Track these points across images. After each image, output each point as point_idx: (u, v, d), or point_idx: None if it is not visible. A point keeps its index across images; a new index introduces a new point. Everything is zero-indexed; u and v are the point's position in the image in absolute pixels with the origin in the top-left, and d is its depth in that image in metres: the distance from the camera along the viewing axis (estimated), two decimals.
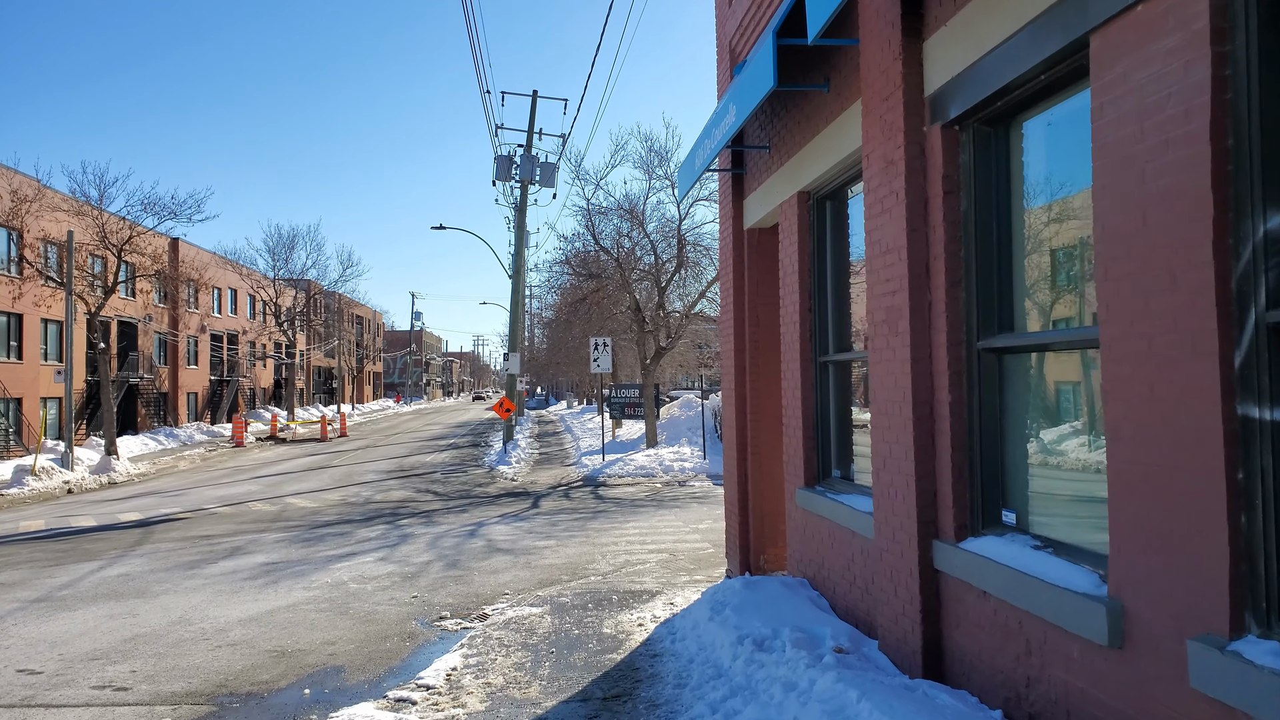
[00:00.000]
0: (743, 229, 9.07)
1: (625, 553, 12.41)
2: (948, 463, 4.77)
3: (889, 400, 5.28)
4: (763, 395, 8.84)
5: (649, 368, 28.23)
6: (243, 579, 11.25)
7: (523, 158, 32.98)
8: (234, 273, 55.55)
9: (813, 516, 7.03)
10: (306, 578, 11.24)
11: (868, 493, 6.19)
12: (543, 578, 10.87)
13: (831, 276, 7.15)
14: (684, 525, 14.82)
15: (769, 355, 8.83)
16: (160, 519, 17.43)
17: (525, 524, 15.39)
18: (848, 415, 7.05)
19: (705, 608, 6.79)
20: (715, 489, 20.09)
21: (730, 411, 9.26)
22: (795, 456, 7.44)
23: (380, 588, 10.59)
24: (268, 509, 18.53)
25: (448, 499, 19.37)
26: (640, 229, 27.84)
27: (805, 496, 7.13)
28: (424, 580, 10.96)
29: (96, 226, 31.32)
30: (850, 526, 6.18)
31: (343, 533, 14.91)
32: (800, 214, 7.27)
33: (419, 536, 14.28)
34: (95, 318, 31.33)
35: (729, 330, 9.24)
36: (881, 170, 5.28)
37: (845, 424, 7.06)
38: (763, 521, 8.85)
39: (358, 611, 9.39)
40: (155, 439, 40.35)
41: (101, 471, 28.15)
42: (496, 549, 12.98)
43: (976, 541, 4.61)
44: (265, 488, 22.81)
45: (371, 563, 12.18)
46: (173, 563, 12.46)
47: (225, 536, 14.81)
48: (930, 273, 4.93)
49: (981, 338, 4.69)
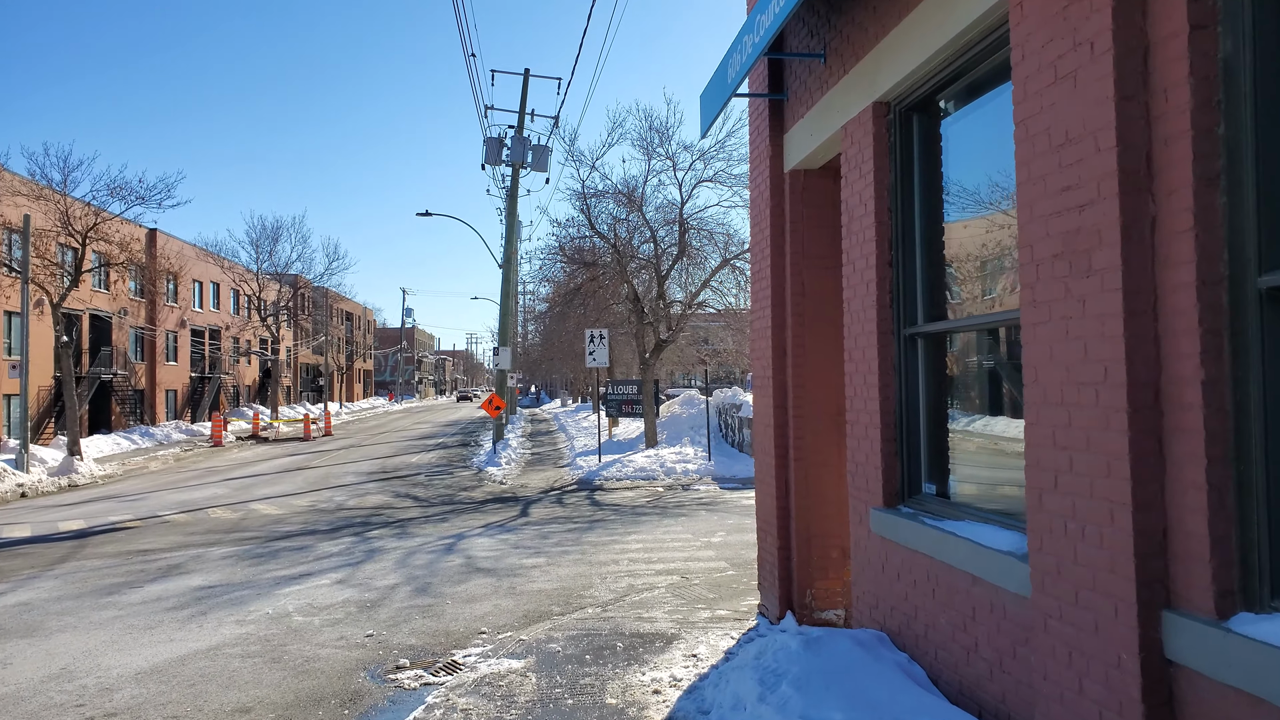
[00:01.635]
0: (782, 172, 7.11)
1: (628, 574, 10.46)
2: (1193, 483, 2.83)
3: (1068, 382, 3.33)
4: (811, 383, 6.89)
5: (648, 362, 26.25)
6: (166, 609, 9.27)
7: (513, 139, 30.98)
8: (215, 265, 53.41)
9: (898, 549, 5.07)
10: (244, 607, 9.27)
11: (1008, 523, 4.23)
12: (529, 609, 8.91)
13: (922, 218, 5.20)
14: (693, 538, 12.87)
15: (819, 332, 6.88)
16: (103, 529, 15.43)
17: (512, 536, 13.42)
18: (944, 408, 5.11)
19: (750, 678, 4.83)
20: (724, 494, 18.14)
21: (765, 405, 7.31)
22: (867, 465, 5.49)
23: (330, 621, 8.62)
24: (227, 516, 16.55)
25: (428, 505, 17.39)
26: (639, 213, 25.86)
27: (886, 521, 5.18)
28: (385, 611, 9.00)
29: (59, 212, 29.29)
30: (970, 570, 4.23)
31: (302, 547, 12.92)
32: (877, 133, 5.32)
33: (388, 552, 12.31)
34: (59, 309, 29.29)
35: (764, 302, 7.28)
36: (1059, 12, 3.33)
37: (941, 420, 5.11)
38: (809, 546, 6.90)
39: (294, 658, 7.42)
40: (129, 438, 38.29)
41: (63, 473, 26.14)
42: (476, 568, 11.01)
43: (1262, 623, 2.67)
44: (233, 491, 20.82)
45: (326, 586, 10.21)
46: (90, 587, 10.47)
47: (166, 551, 12.82)
48: (1156, 168, 2.98)
49: (1266, 271, 2.74)
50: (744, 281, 26.34)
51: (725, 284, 26.91)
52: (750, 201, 7.67)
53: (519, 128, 31.22)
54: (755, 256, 7.54)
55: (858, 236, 5.57)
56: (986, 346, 4.93)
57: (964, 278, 5.07)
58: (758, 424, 7.56)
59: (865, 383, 5.48)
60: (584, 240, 28.28)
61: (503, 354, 30.23)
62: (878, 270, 5.30)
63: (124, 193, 29.96)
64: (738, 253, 25.90)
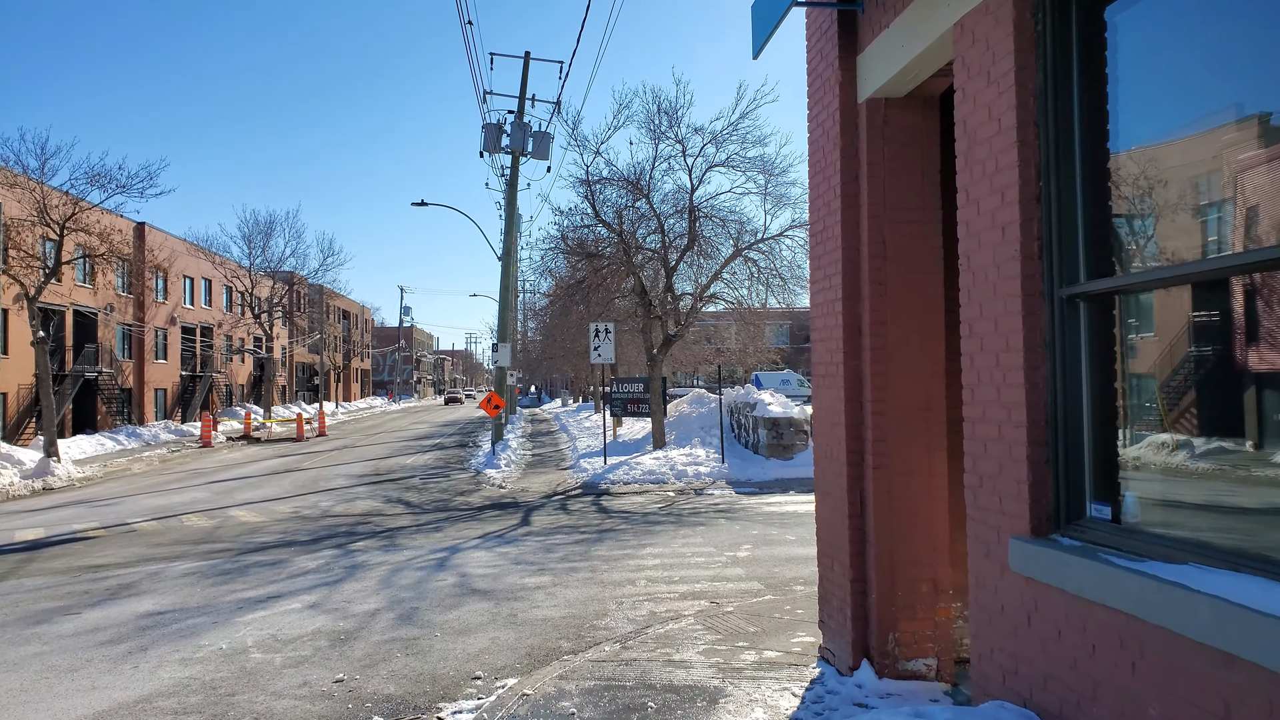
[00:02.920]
0: (855, 102, 5.64)
1: (647, 597, 8.99)
2: None
3: None
4: (895, 371, 5.41)
5: (656, 358, 24.72)
6: (100, 643, 7.79)
7: (513, 125, 29.48)
8: (207, 261, 51.85)
9: (1058, 596, 3.60)
10: (194, 640, 7.80)
11: (1269, 567, 2.74)
12: (533, 644, 7.44)
13: (1084, 137, 3.72)
14: (716, 552, 11.39)
15: (905, 305, 5.42)
16: (61, 539, 13.96)
17: (512, 549, 11.94)
18: (1116, 398, 3.64)
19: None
20: (741, 499, 16.66)
21: (831, 399, 5.84)
22: (1000, 478, 4.02)
23: (294, 660, 7.15)
24: (201, 524, 15.08)
25: (420, 512, 15.90)
26: (646, 200, 24.34)
27: (1037, 556, 3.70)
28: (361, 646, 7.52)
29: (36, 200, 27.79)
30: (1220, 644, 2.76)
31: (276, 561, 11.44)
32: (1019, 19, 3.84)
33: (372, 568, 10.83)
34: (35, 303, 27.76)
35: (830, 269, 5.80)
36: None
37: (1112, 414, 3.64)
38: (892, 577, 5.42)
39: (241, 715, 5.95)
40: (114, 438, 36.80)
41: (37, 476, 24.69)
42: (471, 590, 9.54)
43: None
44: (214, 495, 19.35)
45: (297, 612, 8.74)
46: (18, 613, 8.99)
47: (122, 567, 11.35)
48: None
49: None
50: (756, 272, 24.83)
51: (738, 275, 25.40)
52: (810, 144, 6.19)
53: (519, 113, 29.74)
54: (817, 212, 6.06)
55: (984, 166, 4.09)
56: (1189, 307, 3.46)
57: (1154, 212, 3.59)
58: (821, 423, 6.08)
59: (998, 364, 4.01)
60: (587, 230, 26.75)
61: (502, 350, 28.74)
62: (1020, 208, 3.83)
63: (104, 180, 28.45)
64: (751, 242, 24.41)
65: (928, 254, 5.44)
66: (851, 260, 5.58)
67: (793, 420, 21.60)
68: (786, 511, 14.84)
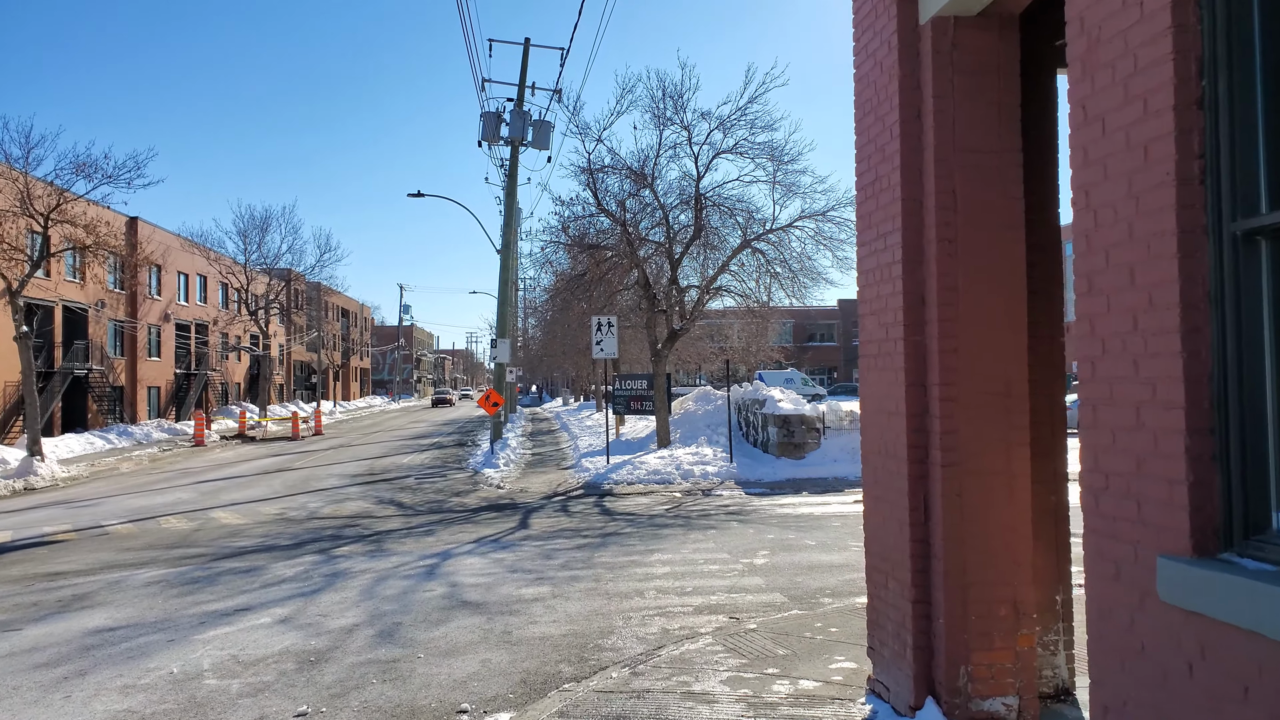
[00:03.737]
0: (915, 25, 4.66)
1: (658, 611, 8.03)
2: None
3: None
4: (968, 348, 4.44)
5: (661, 354, 23.71)
6: (35, 665, 6.83)
7: (512, 114, 28.52)
8: (201, 257, 50.81)
9: (1240, 638, 2.64)
10: (143, 663, 6.83)
11: None
12: (529, 668, 6.48)
13: (1266, 17, 2.75)
14: (731, 559, 10.42)
15: (983, 266, 4.44)
16: (26, 543, 13.02)
17: (508, 555, 10.97)
18: None
19: None
20: (751, 500, 15.69)
21: (887, 383, 4.86)
22: (1139, 478, 3.05)
23: (253, 688, 6.19)
24: (179, 527, 14.13)
25: (413, 514, 14.93)
26: (650, 190, 23.35)
27: (1205, 582, 2.73)
28: (333, 670, 6.56)
29: (19, 190, 26.85)
30: None
31: (251, 569, 10.48)
32: None
33: (354, 576, 9.87)
34: (18, 297, 26.79)
35: (887, 225, 4.83)
36: None
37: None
38: (964, 599, 4.44)
39: None
40: (104, 437, 35.82)
41: (19, 475, 23.75)
42: (461, 602, 8.57)
43: None
44: (199, 496, 18.39)
45: (265, 628, 7.78)
46: None
47: (82, 575, 10.39)
48: None
49: None
50: (765, 264, 23.81)
51: (745, 267, 24.39)
52: (857, 80, 5.21)
53: (519, 100, 28.76)
54: (867, 160, 5.08)
55: (1115, 69, 3.12)
56: None
57: None
58: (870, 412, 5.11)
59: (1135, 327, 3.04)
60: (589, 221, 25.75)
61: (501, 346, 27.78)
62: (1176, 116, 2.86)
63: (90, 170, 27.50)
64: (759, 233, 23.42)
65: (1006, 205, 4.47)
66: (913, 214, 4.60)
67: (804, 418, 20.62)
68: (802, 514, 13.87)
